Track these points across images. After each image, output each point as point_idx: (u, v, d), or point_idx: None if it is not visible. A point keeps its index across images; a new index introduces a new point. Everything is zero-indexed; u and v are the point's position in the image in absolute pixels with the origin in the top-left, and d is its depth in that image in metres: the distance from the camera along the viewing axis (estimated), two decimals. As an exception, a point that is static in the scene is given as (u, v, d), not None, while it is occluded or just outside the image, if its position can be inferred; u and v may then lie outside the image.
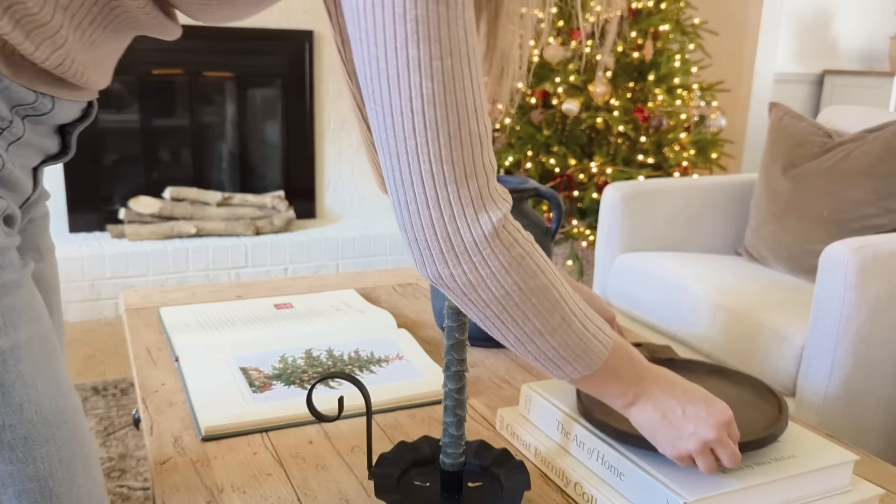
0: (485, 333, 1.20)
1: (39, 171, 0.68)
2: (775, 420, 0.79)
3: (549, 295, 0.61)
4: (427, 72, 0.54)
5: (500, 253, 0.58)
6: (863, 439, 1.63)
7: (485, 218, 0.57)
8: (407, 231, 0.58)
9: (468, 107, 0.56)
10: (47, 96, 0.60)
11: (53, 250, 0.78)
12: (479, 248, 0.58)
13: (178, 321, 1.23)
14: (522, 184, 1.23)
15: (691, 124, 3.15)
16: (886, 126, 1.94)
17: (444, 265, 0.58)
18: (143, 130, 3.15)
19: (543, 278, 0.61)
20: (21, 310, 0.58)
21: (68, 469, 0.60)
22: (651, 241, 2.24)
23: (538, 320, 0.62)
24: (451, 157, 0.56)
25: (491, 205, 0.58)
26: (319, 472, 0.83)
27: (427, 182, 0.56)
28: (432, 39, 0.53)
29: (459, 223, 0.57)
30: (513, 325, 0.62)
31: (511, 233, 0.59)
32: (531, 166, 3.12)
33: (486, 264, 0.58)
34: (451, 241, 0.57)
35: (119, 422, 2.06)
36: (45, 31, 0.57)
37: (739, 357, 1.78)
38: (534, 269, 0.60)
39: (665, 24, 3.07)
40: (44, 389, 0.58)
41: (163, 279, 2.97)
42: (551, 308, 0.62)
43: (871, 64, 4.67)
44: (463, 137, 0.56)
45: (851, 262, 1.53)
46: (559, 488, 0.82)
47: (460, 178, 0.56)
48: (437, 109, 0.54)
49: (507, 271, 0.59)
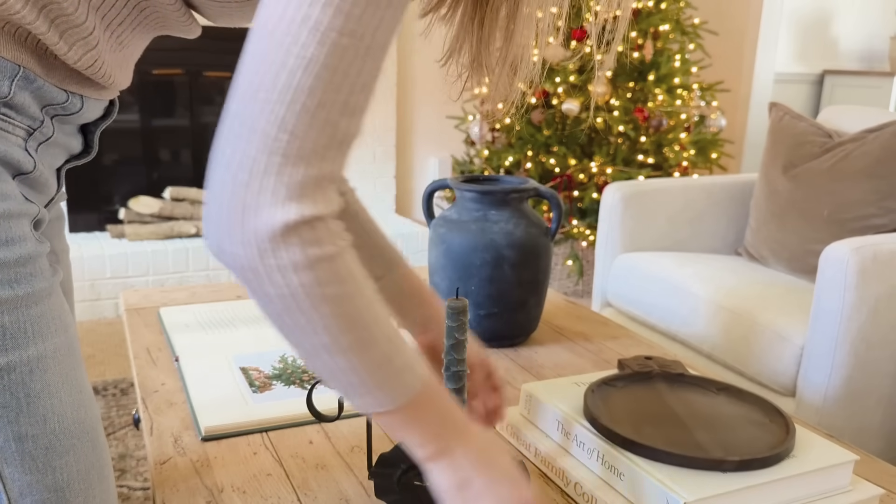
0: (484, 333, 1.20)
1: (62, 172, 0.68)
2: (782, 440, 0.78)
3: (343, 309, 0.53)
4: (317, 37, 0.48)
5: (292, 247, 0.50)
6: (863, 439, 1.63)
7: (293, 207, 0.50)
8: (212, 184, 0.52)
9: (341, 95, 0.50)
10: (77, 95, 0.60)
11: (68, 252, 0.78)
12: (270, 235, 0.50)
13: (178, 321, 1.23)
14: (522, 184, 1.23)
15: (691, 124, 3.15)
16: (886, 126, 1.94)
17: (229, 239, 0.51)
18: (143, 130, 3.15)
19: (340, 289, 0.53)
20: (50, 319, 0.57)
21: (86, 480, 0.60)
22: (651, 241, 2.24)
23: (327, 335, 0.53)
24: (295, 130, 0.49)
25: (309, 200, 0.51)
26: (319, 472, 0.83)
27: (254, 141, 0.50)
28: (341, 11, 0.48)
29: (262, 200, 0.50)
30: (299, 332, 0.54)
31: (318, 232, 0.51)
32: (531, 166, 3.12)
33: (271, 254, 0.50)
34: (244, 214, 0.50)
35: (119, 422, 2.06)
36: (78, 32, 0.57)
37: (739, 357, 1.79)
38: (328, 278, 0.52)
39: (665, 24, 3.07)
40: (67, 400, 0.58)
41: (163, 279, 2.97)
42: (346, 327, 0.54)
43: (871, 64, 4.67)
44: (318, 118, 0.50)
45: (851, 262, 1.53)
46: (559, 488, 0.82)
47: (290, 155, 0.50)
48: (306, 77, 0.49)
49: (295, 270, 0.51)
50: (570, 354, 1.20)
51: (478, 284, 1.18)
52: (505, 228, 1.18)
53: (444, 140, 3.75)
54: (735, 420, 0.83)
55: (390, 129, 3.55)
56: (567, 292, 3.23)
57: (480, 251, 1.17)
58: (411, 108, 3.69)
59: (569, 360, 1.18)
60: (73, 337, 0.61)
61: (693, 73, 3.21)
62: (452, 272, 1.19)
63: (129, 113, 3.11)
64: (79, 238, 3.02)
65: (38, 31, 0.55)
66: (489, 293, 1.18)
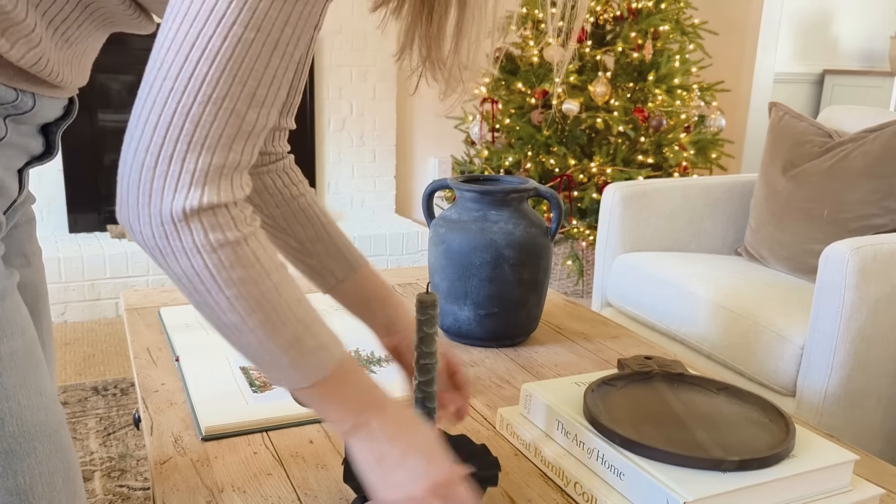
0: (484, 333, 1.20)
1: (25, 173, 0.66)
2: (782, 440, 0.78)
3: (248, 291, 0.55)
4: (222, 31, 0.50)
5: (196, 231, 0.53)
6: (863, 439, 1.63)
7: (196, 193, 0.52)
8: (122, 164, 0.54)
9: (247, 89, 0.52)
10: (28, 93, 0.59)
11: (40, 255, 0.77)
12: (172, 218, 0.52)
13: (178, 321, 1.23)
14: (522, 184, 1.23)
15: (691, 124, 3.15)
16: (886, 126, 1.94)
17: (136, 219, 0.53)
18: (143, 130, 3.15)
19: (243, 272, 0.55)
20: (5, 322, 0.57)
21: (49, 483, 0.59)
22: (651, 241, 2.24)
23: (234, 315, 0.56)
24: (200, 119, 0.51)
25: (213, 187, 0.53)
26: (319, 471, 0.84)
27: (161, 128, 0.51)
28: (248, 7, 0.50)
29: (167, 183, 0.52)
30: (208, 310, 0.56)
31: (221, 219, 0.54)
32: (531, 166, 3.12)
33: (176, 236, 0.53)
34: (150, 197, 0.52)
35: (119, 422, 2.06)
36: (20, 30, 0.56)
37: (739, 357, 1.79)
38: (231, 261, 0.54)
39: (665, 24, 3.07)
40: (26, 403, 0.58)
41: (163, 279, 2.97)
42: (251, 308, 0.56)
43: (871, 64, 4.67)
44: (224, 110, 0.52)
45: (851, 262, 1.54)
46: (559, 488, 0.82)
47: (196, 144, 0.52)
48: (211, 70, 0.50)
49: (199, 253, 0.53)
50: (570, 354, 1.21)
51: (478, 284, 1.18)
52: (505, 228, 1.18)
53: (444, 140, 3.76)
54: (735, 420, 0.83)
55: (390, 129, 3.55)
56: (567, 292, 3.23)
57: (480, 251, 1.17)
58: (411, 109, 3.69)
59: (569, 360, 1.18)
60: (30, 339, 0.60)
61: (693, 73, 3.20)
62: (452, 272, 1.19)
63: (129, 113, 3.09)
64: (79, 238, 3.02)
65: None
66: (489, 293, 1.19)
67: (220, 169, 0.53)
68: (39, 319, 0.76)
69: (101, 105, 3.04)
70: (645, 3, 3.06)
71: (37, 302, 0.75)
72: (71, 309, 2.84)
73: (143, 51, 3.01)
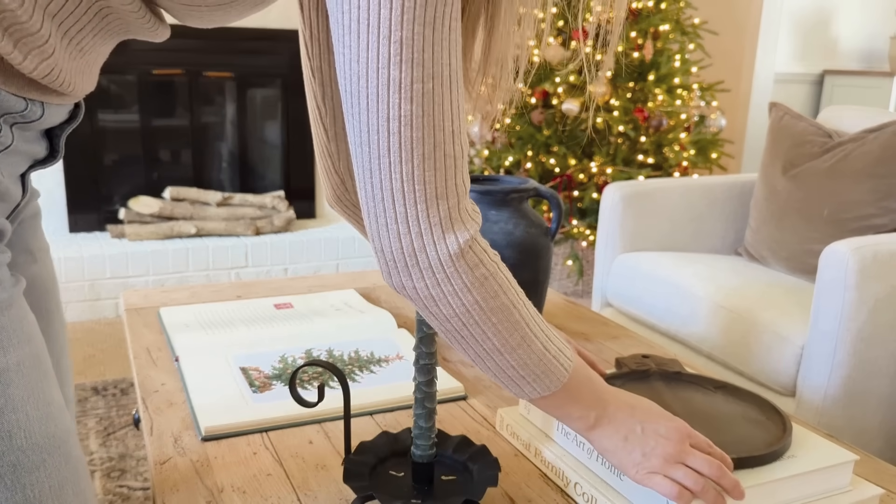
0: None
1: (27, 177, 0.66)
2: (779, 438, 0.78)
3: (509, 315, 0.63)
4: (407, 94, 0.55)
5: (463, 272, 0.59)
6: (863, 439, 1.63)
7: (451, 238, 0.59)
8: (374, 242, 0.60)
9: (445, 129, 0.57)
10: (37, 102, 0.58)
11: (48, 250, 0.76)
12: (442, 267, 0.59)
13: (178, 321, 1.23)
14: (522, 184, 1.23)
15: (691, 124, 3.15)
16: (886, 126, 1.94)
17: (409, 278, 0.60)
18: (143, 130, 3.15)
19: (505, 298, 0.62)
20: (11, 331, 0.56)
21: (59, 496, 0.58)
22: (651, 241, 2.24)
23: (497, 339, 0.63)
24: (424, 177, 0.57)
25: (459, 225, 0.59)
26: (319, 472, 0.84)
27: (398, 199, 0.57)
28: (415, 62, 0.54)
29: (426, 241, 0.58)
30: (472, 341, 0.63)
31: (477, 253, 0.60)
32: (531, 166, 3.12)
33: (448, 282, 0.60)
34: (416, 257, 0.59)
35: (119, 422, 2.06)
36: (34, 41, 0.55)
37: (739, 357, 1.79)
38: (496, 289, 0.61)
39: (665, 24, 3.07)
40: (34, 414, 0.57)
41: (163, 279, 2.97)
42: (511, 328, 0.63)
43: (871, 64, 4.67)
44: (437, 159, 0.57)
45: (851, 262, 1.53)
46: (559, 488, 0.82)
47: (430, 199, 0.57)
48: (413, 131, 0.55)
49: (469, 290, 0.60)
50: (570, 354, 1.20)
51: (478, 284, 1.18)
52: (505, 228, 1.18)
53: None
54: (732, 418, 0.83)
55: (390, 129, 3.55)
56: (567, 292, 3.23)
57: (480, 251, 1.17)
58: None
59: (569, 360, 1.18)
60: (38, 348, 0.59)
61: (693, 73, 3.21)
62: (452, 272, 1.19)
63: (129, 113, 3.11)
64: (79, 238, 3.02)
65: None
66: (489, 293, 1.18)
67: (455, 207, 0.59)
68: (50, 317, 0.75)
69: (101, 105, 3.04)
70: (645, 3, 3.06)
71: (46, 300, 0.74)
72: (71, 309, 2.84)
73: (143, 51, 3.01)
